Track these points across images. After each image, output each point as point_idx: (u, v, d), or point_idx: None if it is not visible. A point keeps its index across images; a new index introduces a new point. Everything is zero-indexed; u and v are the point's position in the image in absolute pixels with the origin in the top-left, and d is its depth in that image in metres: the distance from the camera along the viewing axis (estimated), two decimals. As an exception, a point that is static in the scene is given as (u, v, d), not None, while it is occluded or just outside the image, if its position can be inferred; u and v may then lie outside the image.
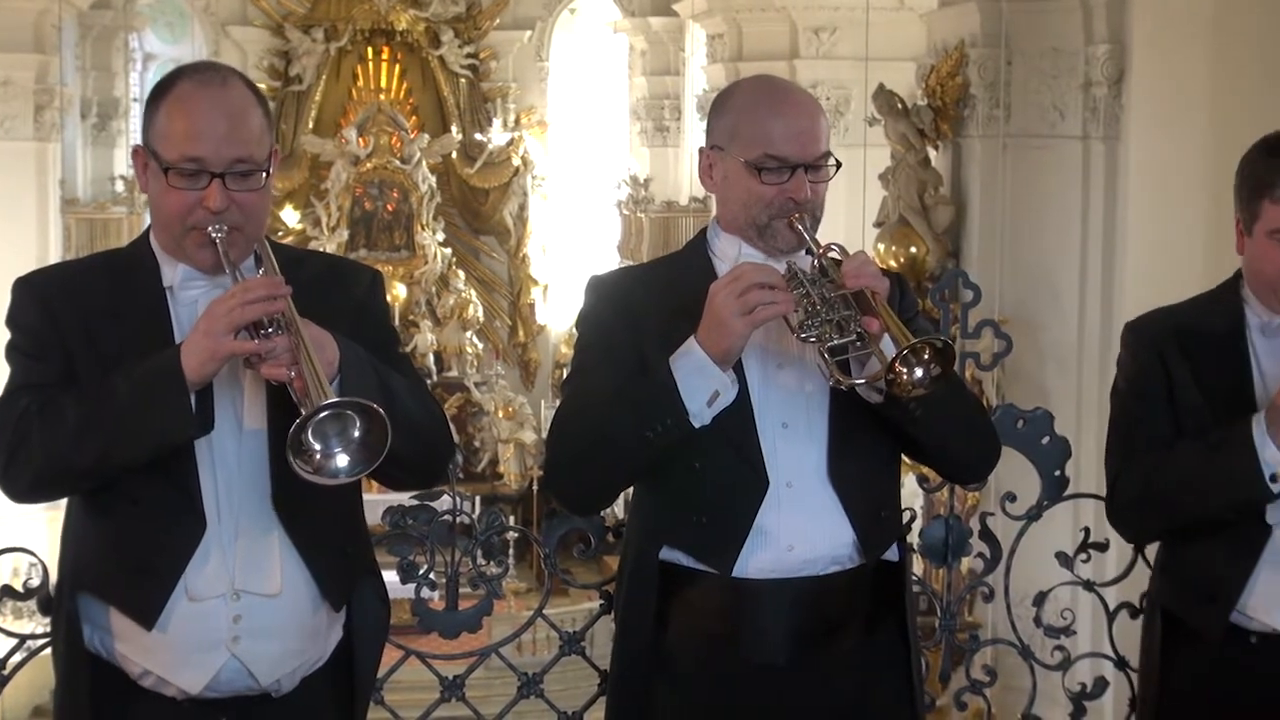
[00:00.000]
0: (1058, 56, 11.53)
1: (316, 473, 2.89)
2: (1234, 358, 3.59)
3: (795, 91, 3.45)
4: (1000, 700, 4.61)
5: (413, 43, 24.63)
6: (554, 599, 4.37)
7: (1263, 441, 3.39)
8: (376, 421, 2.89)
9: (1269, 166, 3.48)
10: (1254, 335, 3.60)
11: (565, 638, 4.24)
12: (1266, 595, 3.54)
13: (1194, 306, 3.74)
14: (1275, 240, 3.48)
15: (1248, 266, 3.61)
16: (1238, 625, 3.57)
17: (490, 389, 23.89)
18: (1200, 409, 3.58)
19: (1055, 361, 11.54)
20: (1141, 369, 3.68)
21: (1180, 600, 3.69)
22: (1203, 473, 3.49)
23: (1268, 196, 3.47)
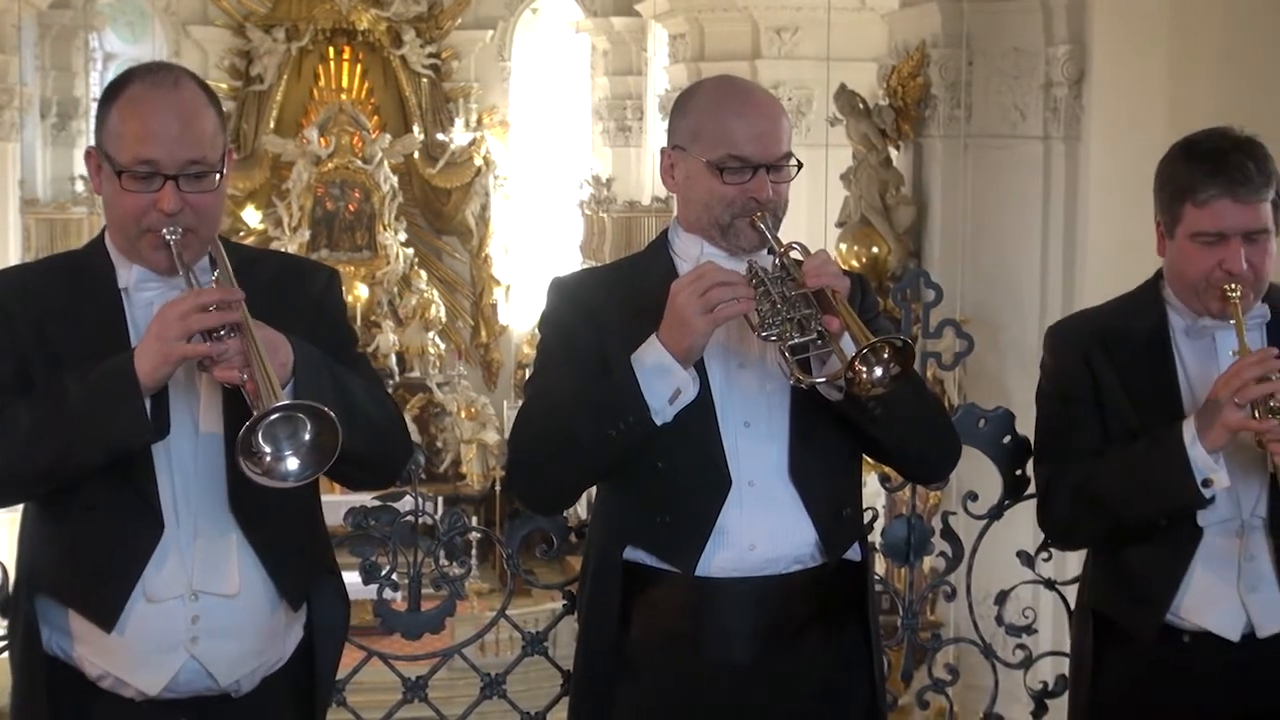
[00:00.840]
0: (1019, 57, 11.58)
1: (266, 475, 2.89)
2: (1159, 360, 3.59)
3: (757, 92, 3.46)
4: (962, 699, 4.62)
5: (374, 42, 24.57)
6: (517, 599, 4.37)
7: (1193, 445, 3.39)
8: (327, 425, 2.88)
9: (1190, 170, 3.47)
10: (1178, 337, 3.60)
11: (528, 638, 4.23)
12: (1199, 596, 3.54)
13: (1116, 309, 3.74)
14: (1197, 243, 3.47)
15: (1169, 269, 3.62)
16: (1171, 626, 3.58)
17: (452, 389, 23.85)
18: (1127, 412, 3.58)
19: (1016, 361, 11.58)
20: (1067, 373, 3.67)
21: (1113, 602, 3.70)
22: (1135, 479, 3.49)
23: (1189, 200, 3.47)
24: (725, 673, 3.34)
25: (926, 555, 4.35)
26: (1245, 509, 3.52)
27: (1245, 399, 3.32)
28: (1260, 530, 3.51)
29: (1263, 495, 3.50)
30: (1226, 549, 3.53)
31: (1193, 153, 3.50)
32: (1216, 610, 3.54)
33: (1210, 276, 3.47)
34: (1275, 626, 3.54)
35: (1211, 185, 3.43)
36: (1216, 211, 3.44)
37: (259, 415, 2.84)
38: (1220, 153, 3.46)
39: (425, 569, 4.09)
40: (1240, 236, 3.44)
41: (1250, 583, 3.52)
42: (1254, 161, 3.44)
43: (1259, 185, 3.43)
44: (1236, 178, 3.42)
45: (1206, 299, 3.50)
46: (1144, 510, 3.51)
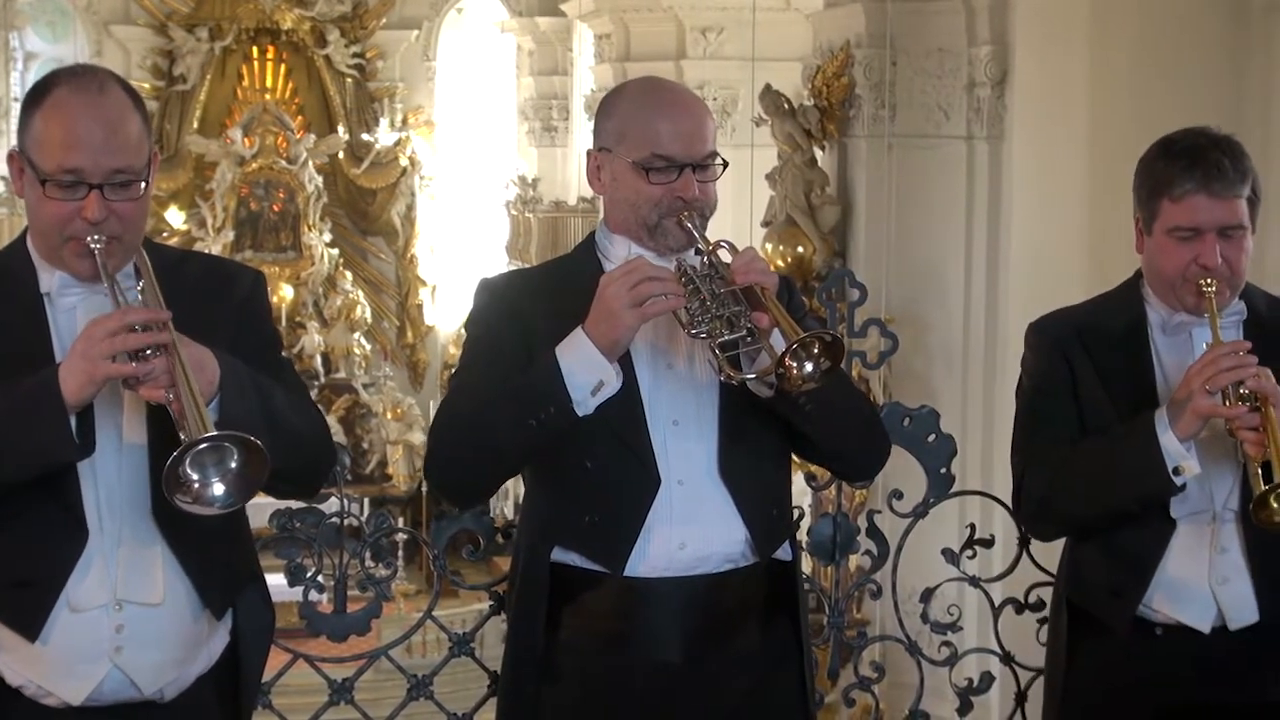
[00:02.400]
0: (942, 57, 11.62)
1: (196, 503, 2.87)
2: (1137, 355, 3.63)
3: (681, 92, 3.47)
4: (888, 696, 4.64)
5: (298, 42, 24.44)
6: (444, 600, 4.36)
7: (1165, 434, 3.43)
8: (255, 453, 2.86)
9: (1167, 167, 3.52)
10: (1155, 333, 3.64)
11: (455, 639, 4.23)
12: (1171, 588, 3.58)
13: (1096, 306, 3.79)
14: (1174, 239, 3.52)
15: (1147, 265, 3.66)
16: (1143, 618, 3.62)
17: (378, 390, 23.77)
18: (1104, 407, 3.62)
19: (941, 360, 11.63)
20: (1046, 368, 3.71)
21: (1087, 594, 3.73)
22: (1107, 467, 3.53)
23: (1166, 196, 3.51)
24: (655, 673, 3.35)
25: (852, 554, 4.37)
26: (1218, 501, 3.56)
27: (1216, 386, 3.37)
28: (1232, 523, 3.56)
29: (1235, 488, 3.55)
30: (1199, 541, 3.56)
31: (1170, 150, 3.56)
32: (1188, 602, 3.58)
33: (1186, 272, 3.52)
34: (1246, 619, 3.57)
35: (1187, 180, 3.48)
36: (1192, 206, 3.49)
37: (185, 446, 2.82)
38: (1197, 149, 3.51)
39: (351, 570, 4.08)
40: (1216, 232, 3.49)
41: (1222, 575, 3.56)
42: (1230, 158, 3.50)
43: (1234, 181, 3.48)
44: (1212, 173, 3.47)
45: (1182, 294, 3.55)
46: (1116, 498, 3.54)
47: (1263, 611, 3.58)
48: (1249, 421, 3.35)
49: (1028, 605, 4.36)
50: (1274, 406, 3.35)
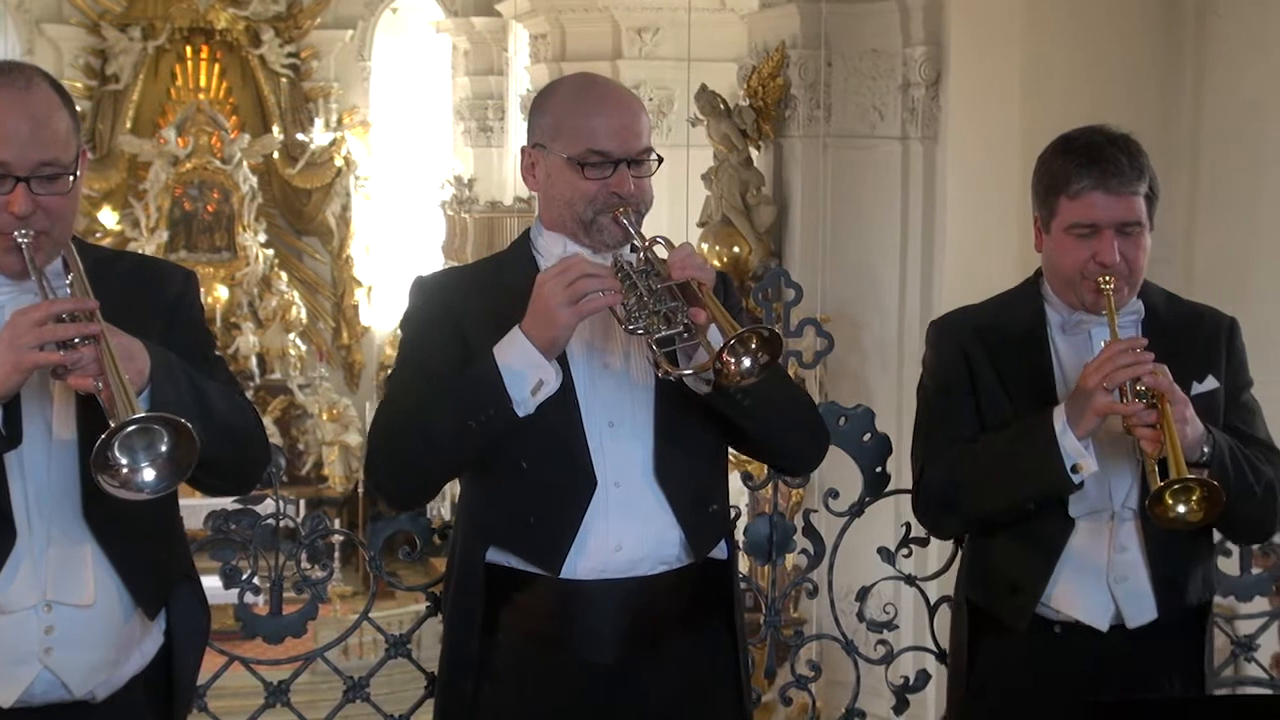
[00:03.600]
0: (877, 58, 11.67)
1: (123, 487, 2.84)
2: (1036, 355, 3.65)
3: (615, 88, 3.47)
4: (825, 695, 4.65)
5: (232, 42, 24.34)
6: (380, 602, 4.35)
7: (1064, 432, 3.45)
8: (185, 436, 2.83)
9: (1065, 164, 3.54)
10: (1054, 332, 3.66)
11: (391, 640, 4.22)
12: (1070, 587, 3.60)
13: (996, 304, 3.80)
14: (1072, 236, 3.54)
15: (1047, 263, 3.68)
16: (1042, 616, 3.64)
17: (314, 391, 23.68)
18: (1003, 405, 3.64)
19: (877, 359, 11.67)
20: (946, 366, 3.73)
21: (986, 592, 3.75)
22: (1006, 464, 3.54)
23: (1064, 193, 3.53)
24: (592, 674, 3.35)
25: (789, 553, 4.38)
26: (1116, 500, 3.58)
27: (1113, 383, 3.38)
28: (1131, 521, 3.58)
29: (1134, 487, 3.57)
30: (1097, 540, 3.59)
31: (1068, 147, 3.57)
32: (1086, 601, 3.60)
33: (1084, 269, 3.53)
34: (1145, 618, 3.60)
35: (1085, 177, 3.50)
36: (1089, 203, 3.50)
37: (114, 428, 2.79)
38: (1094, 147, 3.53)
39: (287, 572, 4.07)
40: (1113, 229, 3.50)
41: (1120, 574, 3.58)
42: (1127, 156, 3.51)
43: (1131, 178, 3.50)
44: (1109, 170, 3.49)
45: (1081, 291, 3.57)
46: (1014, 496, 3.56)
47: (1160, 610, 3.60)
48: (1145, 419, 3.37)
49: (950, 602, 4.38)
50: (1170, 403, 3.36)
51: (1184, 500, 3.29)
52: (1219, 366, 3.66)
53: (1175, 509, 3.30)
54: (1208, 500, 3.29)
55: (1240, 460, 3.51)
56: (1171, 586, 3.61)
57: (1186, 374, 3.53)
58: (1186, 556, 3.64)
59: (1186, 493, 3.29)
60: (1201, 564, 3.70)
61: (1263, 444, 3.67)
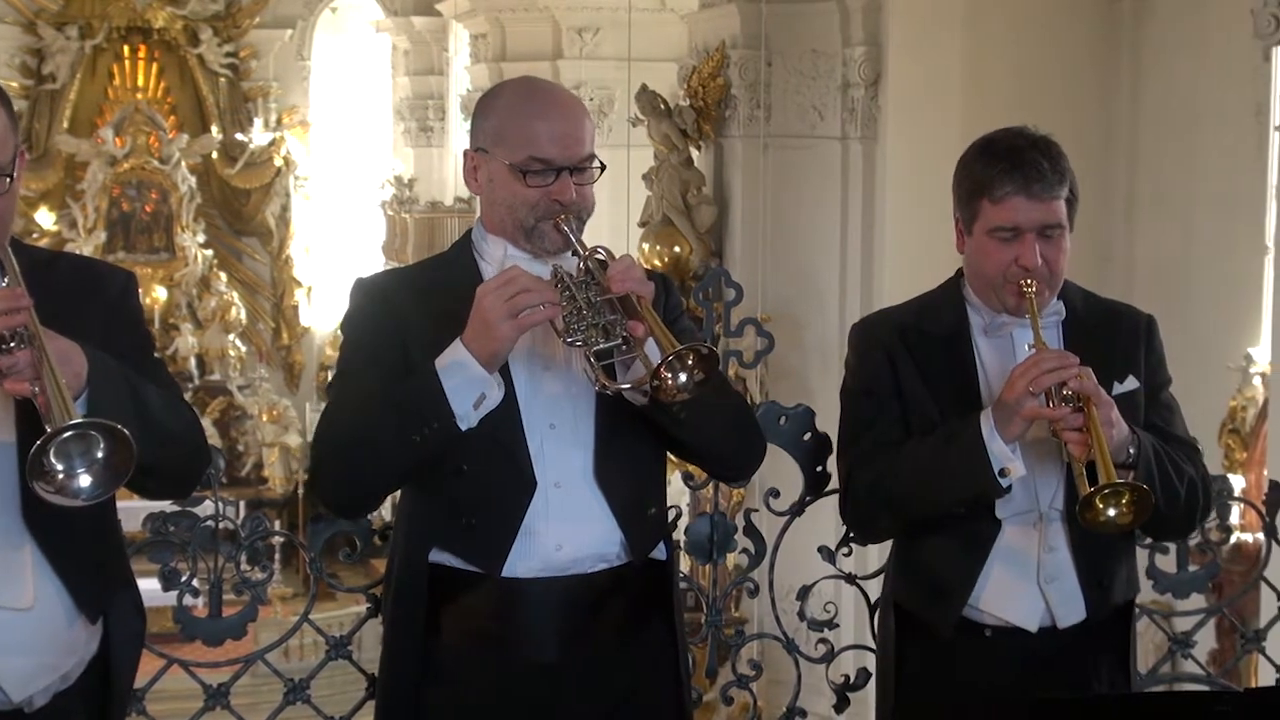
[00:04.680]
0: (816, 58, 11.71)
1: (59, 493, 2.81)
2: (959, 357, 3.66)
3: (559, 93, 3.47)
4: (766, 694, 4.67)
5: (170, 41, 24.19)
6: (320, 603, 4.33)
7: (991, 436, 3.46)
8: (122, 442, 2.81)
9: (986, 168, 3.55)
10: (977, 335, 3.67)
11: (332, 642, 4.20)
12: (998, 589, 3.62)
13: (918, 306, 3.81)
14: (994, 239, 3.55)
15: (968, 266, 3.69)
16: (972, 620, 3.65)
17: (254, 392, 23.56)
18: (928, 407, 3.64)
19: (817, 358, 11.72)
20: (869, 368, 3.73)
21: (913, 596, 3.76)
22: (934, 468, 3.55)
23: (986, 196, 3.55)
24: (533, 672, 3.35)
25: (730, 552, 4.39)
26: (1043, 501, 3.60)
27: (1040, 388, 3.39)
28: (1059, 522, 3.60)
29: (1060, 488, 3.59)
30: (1025, 541, 3.60)
31: (989, 151, 3.58)
32: (1016, 602, 3.61)
33: (1007, 272, 3.55)
34: (1074, 617, 3.62)
35: (1007, 182, 3.51)
36: (1012, 207, 3.51)
37: (49, 434, 2.77)
38: (1016, 151, 3.54)
39: (226, 574, 4.05)
40: (1035, 232, 3.52)
41: (1049, 574, 3.60)
42: (1049, 160, 3.53)
43: (1053, 183, 3.51)
44: (1031, 175, 3.50)
45: (1003, 295, 3.58)
46: (942, 500, 3.57)
47: (1089, 609, 3.63)
48: (1072, 422, 3.38)
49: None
50: (1096, 406, 3.38)
51: (1114, 504, 3.32)
52: (1139, 366, 3.69)
53: (1106, 513, 3.32)
54: (1137, 503, 3.31)
55: (1164, 460, 3.54)
56: (1100, 585, 3.64)
57: (1108, 374, 3.56)
58: (1112, 555, 3.66)
59: (1116, 497, 3.31)
60: (1126, 562, 3.73)
61: (1182, 442, 3.70)
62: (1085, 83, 11.03)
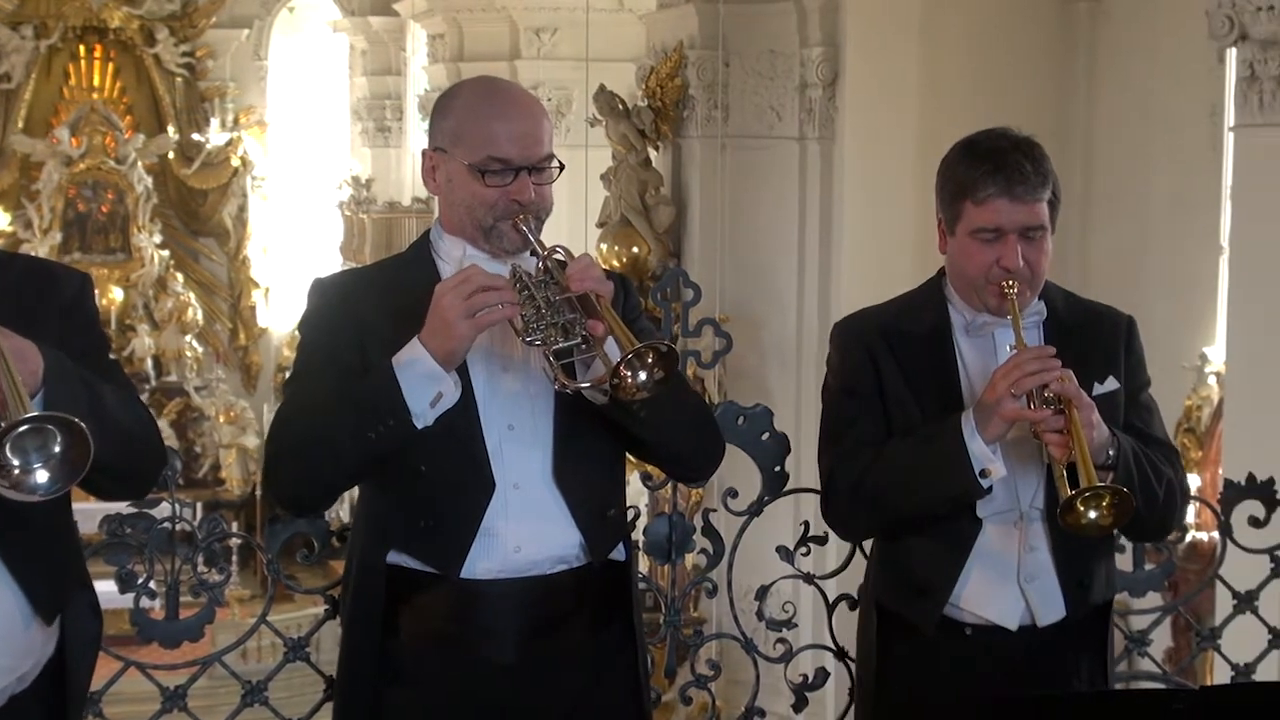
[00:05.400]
0: (774, 59, 11.73)
1: (15, 489, 2.80)
2: (941, 356, 3.67)
3: (518, 93, 3.46)
4: (725, 694, 4.67)
5: (126, 41, 24.10)
6: (278, 605, 4.32)
7: (972, 437, 3.47)
8: (78, 437, 2.80)
9: (969, 170, 3.56)
10: (958, 334, 3.68)
11: (290, 644, 4.19)
12: (979, 588, 3.63)
13: (900, 306, 3.82)
14: (976, 240, 3.57)
15: (951, 266, 3.71)
16: (952, 618, 3.67)
17: (211, 393, 23.48)
18: (909, 406, 3.66)
19: (776, 358, 11.73)
20: (851, 367, 3.74)
21: (895, 594, 3.77)
22: (915, 468, 3.56)
23: (969, 198, 3.56)
24: (491, 674, 3.35)
25: (688, 552, 4.39)
26: (1024, 501, 3.61)
27: (1021, 390, 3.41)
28: (1039, 521, 3.61)
29: (1040, 487, 3.60)
30: (1006, 540, 3.62)
31: (973, 152, 3.59)
32: (996, 601, 3.63)
33: (989, 273, 3.56)
34: (1054, 616, 3.64)
35: (990, 184, 3.52)
36: (994, 209, 3.53)
37: (6, 427, 2.76)
38: (999, 152, 3.55)
39: (183, 576, 4.03)
40: (1017, 234, 3.53)
41: (1029, 573, 3.62)
42: (1032, 162, 3.54)
43: (1036, 185, 3.53)
44: (1014, 177, 3.51)
45: (985, 295, 3.60)
46: (923, 500, 3.58)
47: (1069, 608, 3.65)
48: (1054, 424, 3.40)
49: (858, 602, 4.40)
50: (1077, 409, 3.40)
51: (1095, 507, 3.34)
52: (1119, 367, 3.71)
53: (1087, 515, 3.34)
54: (1117, 506, 3.34)
55: (1143, 462, 3.56)
56: (1079, 585, 3.65)
57: (1088, 375, 3.57)
58: (1091, 555, 3.68)
59: (1097, 499, 3.33)
60: (1104, 562, 3.75)
61: (1161, 443, 3.72)
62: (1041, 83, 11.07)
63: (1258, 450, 7.49)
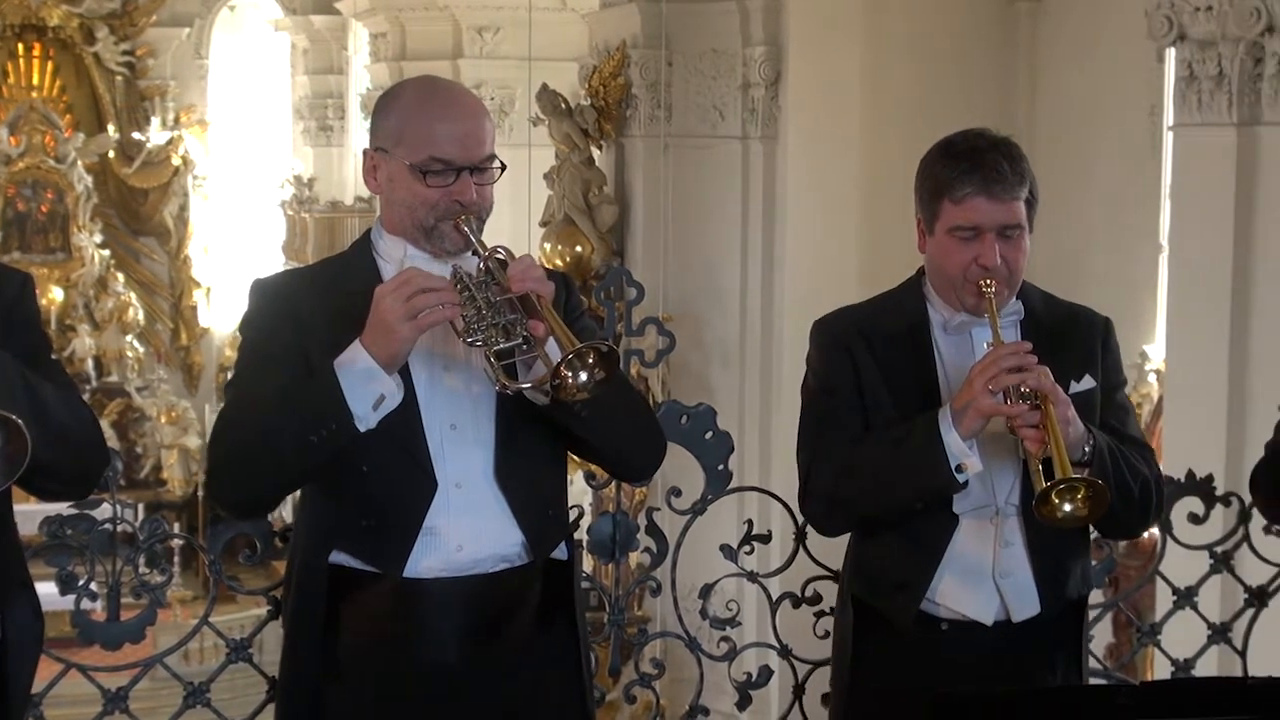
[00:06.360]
0: (717, 58, 11.73)
1: None
2: (919, 354, 3.69)
3: (460, 93, 3.46)
4: (669, 692, 4.69)
5: (66, 39, 23.95)
6: (221, 606, 4.31)
7: (948, 431, 3.49)
8: (16, 434, 2.79)
9: (947, 169, 3.59)
10: (937, 333, 3.71)
11: (232, 645, 4.17)
12: (955, 583, 3.65)
13: (879, 304, 3.84)
14: (955, 239, 3.59)
15: (930, 265, 3.72)
16: (928, 613, 3.68)
17: (152, 394, 23.35)
18: (887, 405, 3.67)
19: (719, 357, 11.74)
20: (830, 365, 3.75)
21: (871, 589, 3.78)
22: (892, 463, 3.58)
23: (947, 196, 3.58)
24: (435, 673, 3.34)
25: (632, 551, 4.39)
26: (1000, 497, 3.63)
27: (998, 386, 3.44)
28: (1015, 517, 3.64)
29: (1016, 484, 3.63)
30: (982, 536, 3.64)
31: (951, 151, 3.62)
32: (972, 596, 3.65)
33: (967, 271, 3.59)
34: (1029, 611, 3.66)
35: (968, 183, 3.55)
36: (972, 208, 3.56)
37: None
38: (977, 152, 3.58)
39: (125, 577, 4.02)
40: (995, 232, 3.56)
41: (1005, 569, 3.64)
42: (1009, 161, 3.57)
43: (1013, 184, 3.56)
44: (991, 176, 3.54)
45: (963, 294, 3.62)
46: (900, 495, 3.60)
47: (1043, 603, 3.67)
48: (1030, 419, 3.43)
49: (804, 599, 4.42)
50: (1053, 404, 3.43)
51: (1070, 499, 3.36)
52: (1095, 366, 3.74)
53: (1062, 508, 3.36)
54: (1092, 499, 3.36)
55: (1119, 458, 3.58)
56: (1053, 581, 3.67)
57: (1065, 373, 3.60)
58: (1066, 552, 3.71)
59: (1072, 492, 3.35)
60: (1080, 559, 3.77)
61: (1137, 442, 3.75)
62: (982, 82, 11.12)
63: (1197, 447, 7.55)
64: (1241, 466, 6.95)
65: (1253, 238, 7.83)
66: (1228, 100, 7.88)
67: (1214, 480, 4.72)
